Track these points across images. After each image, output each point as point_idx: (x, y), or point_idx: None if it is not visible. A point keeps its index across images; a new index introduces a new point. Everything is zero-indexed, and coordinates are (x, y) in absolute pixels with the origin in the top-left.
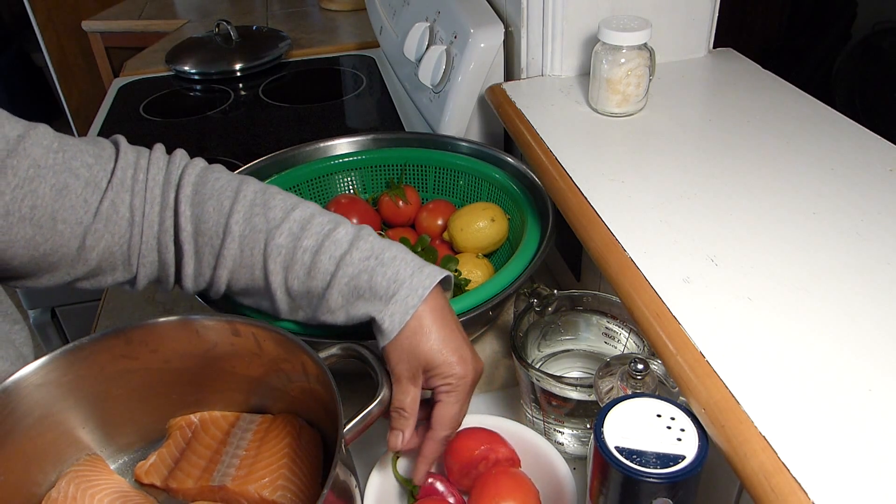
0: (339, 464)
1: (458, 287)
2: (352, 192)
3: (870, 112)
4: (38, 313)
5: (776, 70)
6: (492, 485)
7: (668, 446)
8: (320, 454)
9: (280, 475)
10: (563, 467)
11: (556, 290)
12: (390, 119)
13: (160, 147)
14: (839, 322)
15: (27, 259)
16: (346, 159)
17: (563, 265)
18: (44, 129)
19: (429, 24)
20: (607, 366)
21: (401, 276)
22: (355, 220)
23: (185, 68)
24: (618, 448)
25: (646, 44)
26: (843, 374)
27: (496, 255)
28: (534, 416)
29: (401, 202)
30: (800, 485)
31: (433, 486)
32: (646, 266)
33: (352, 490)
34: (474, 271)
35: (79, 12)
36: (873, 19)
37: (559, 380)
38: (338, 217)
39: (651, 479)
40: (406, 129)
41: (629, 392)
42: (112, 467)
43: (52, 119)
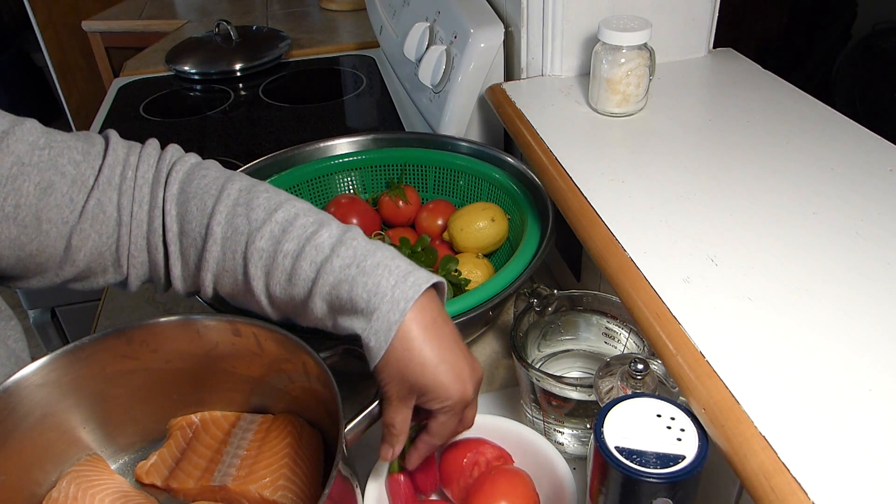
0: (340, 464)
1: (458, 287)
2: (352, 192)
3: (870, 112)
4: (38, 313)
5: (776, 70)
6: (488, 486)
7: (668, 446)
8: (321, 454)
9: (281, 475)
10: (563, 467)
11: (556, 290)
12: (390, 119)
13: (153, 142)
14: (839, 322)
15: (14, 260)
16: (346, 159)
17: (563, 265)
18: (31, 124)
19: (429, 24)
20: (607, 366)
21: (382, 287)
22: (355, 221)
23: (185, 68)
24: (618, 448)
25: (646, 44)
26: (843, 374)
27: (496, 255)
28: (534, 416)
29: (401, 202)
30: (800, 485)
31: None
32: (646, 266)
33: (353, 490)
34: (474, 271)
35: (79, 12)
36: (873, 19)
37: (559, 380)
38: (323, 217)
39: (651, 479)
40: (406, 129)
41: (629, 392)
42: (113, 467)
43: (52, 119)
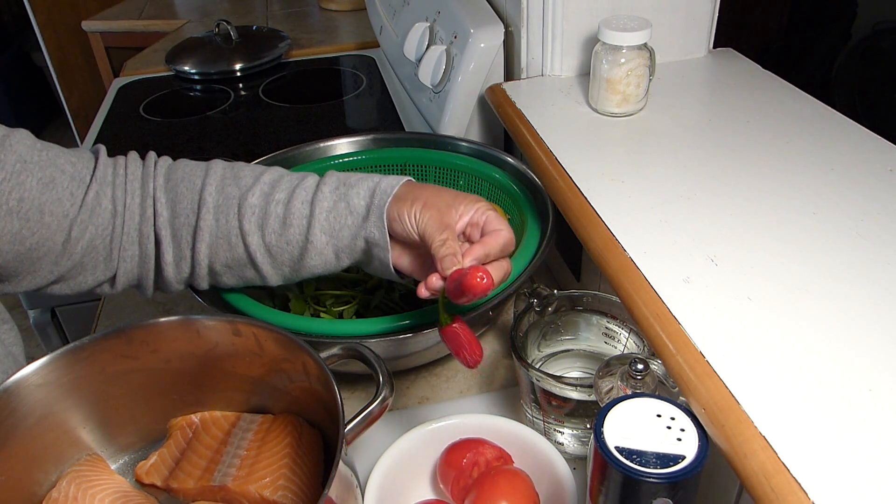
0: (340, 464)
1: None
2: None
3: (870, 112)
4: (38, 313)
5: (776, 70)
6: (488, 486)
7: (668, 446)
8: (321, 454)
9: (281, 475)
10: (563, 467)
11: (556, 290)
12: (390, 119)
13: (134, 152)
14: (839, 322)
15: (12, 256)
16: (346, 159)
17: (563, 265)
18: (25, 132)
19: (429, 24)
20: (607, 366)
21: (370, 186)
22: None
23: (185, 68)
24: (618, 448)
25: (646, 44)
26: (843, 373)
27: None
28: (534, 416)
29: None
30: (800, 485)
31: None
32: (646, 266)
33: (353, 490)
34: None
35: (79, 12)
36: (873, 19)
37: (559, 380)
38: (306, 173)
39: (651, 479)
40: (406, 129)
41: (629, 392)
42: (113, 467)
43: (52, 119)
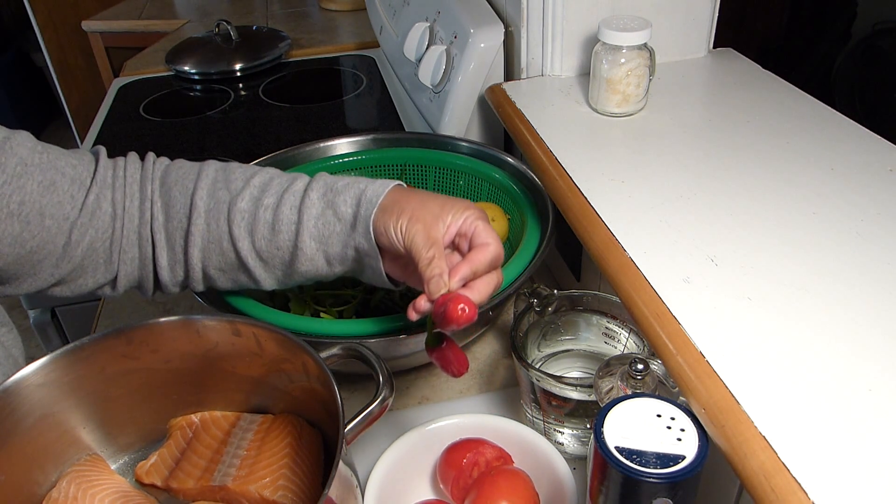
0: (340, 464)
1: None
2: None
3: (870, 112)
4: (38, 313)
5: (776, 70)
6: (488, 486)
7: (668, 446)
8: (321, 454)
9: (281, 475)
10: (563, 467)
11: (556, 290)
12: (390, 119)
13: (133, 153)
14: (839, 322)
15: (13, 259)
16: (346, 159)
17: (563, 265)
18: (26, 134)
19: (429, 24)
20: (607, 366)
21: (356, 194)
22: None
23: (185, 68)
24: (618, 448)
25: (646, 44)
26: (842, 374)
27: None
28: (534, 416)
29: None
30: (800, 485)
31: None
32: (646, 266)
33: (353, 490)
34: None
35: (79, 12)
36: (873, 19)
37: (559, 380)
38: (296, 174)
39: (651, 479)
40: (406, 129)
41: (629, 392)
42: (113, 467)
43: (52, 119)
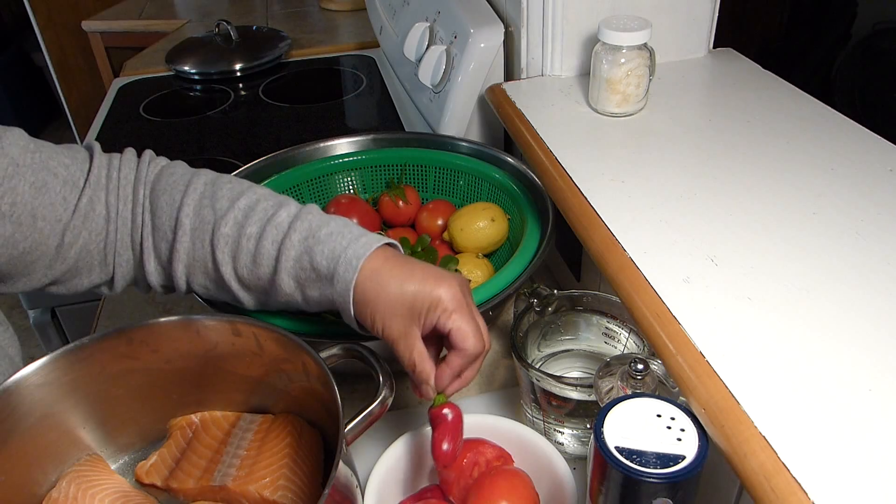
0: (340, 464)
1: None
2: (352, 192)
3: (870, 112)
4: (38, 313)
5: (776, 70)
6: (487, 486)
7: (668, 446)
8: (321, 454)
9: (281, 475)
10: (563, 467)
11: (556, 290)
12: (390, 119)
13: (130, 149)
14: (839, 322)
15: (5, 259)
16: (346, 159)
17: (563, 265)
18: (18, 132)
19: (429, 24)
20: (607, 366)
21: (336, 251)
22: (355, 220)
23: (185, 68)
24: (618, 448)
25: (646, 44)
26: (843, 373)
27: (496, 255)
28: (534, 416)
29: (401, 202)
30: (800, 485)
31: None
32: (646, 266)
33: (353, 490)
34: (474, 271)
35: (79, 12)
36: (873, 19)
37: (559, 380)
38: (283, 199)
39: (651, 479)
40: (406, 129)
41: (629, 392)
42: (113, 467)
43: (51, 119)
